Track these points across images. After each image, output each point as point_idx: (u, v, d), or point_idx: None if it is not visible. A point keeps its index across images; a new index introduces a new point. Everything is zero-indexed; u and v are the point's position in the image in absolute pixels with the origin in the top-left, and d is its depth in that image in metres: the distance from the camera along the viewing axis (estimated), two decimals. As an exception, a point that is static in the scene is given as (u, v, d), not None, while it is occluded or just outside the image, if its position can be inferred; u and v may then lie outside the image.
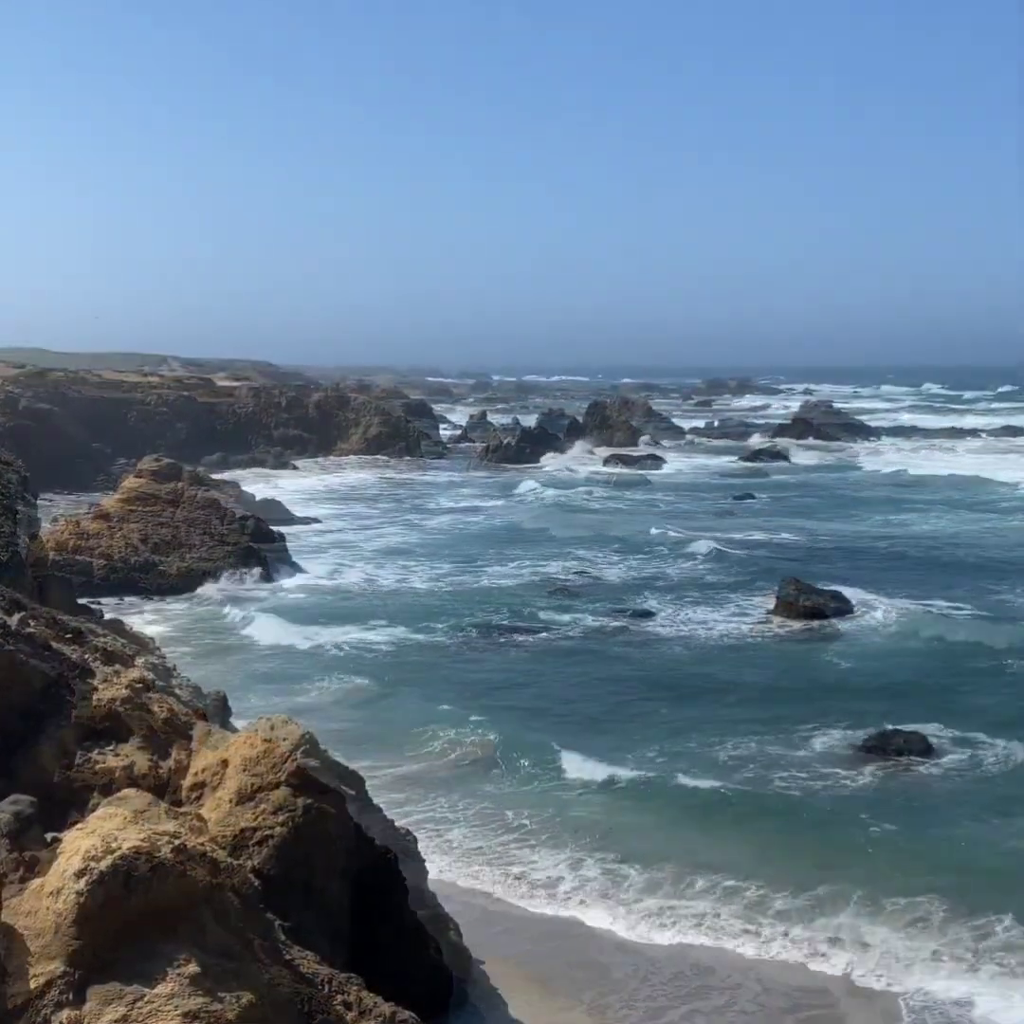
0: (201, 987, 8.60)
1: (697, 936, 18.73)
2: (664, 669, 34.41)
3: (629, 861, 21.23)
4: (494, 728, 27.98)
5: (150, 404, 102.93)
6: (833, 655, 35.98)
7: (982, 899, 19.36)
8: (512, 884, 20.54)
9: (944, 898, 19.39)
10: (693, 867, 20.88)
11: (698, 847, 21.77)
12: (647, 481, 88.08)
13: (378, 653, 36.16)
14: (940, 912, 19.04)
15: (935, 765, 26.16)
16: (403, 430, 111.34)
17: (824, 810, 23.60)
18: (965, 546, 56.07)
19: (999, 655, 35.41)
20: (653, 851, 21.59)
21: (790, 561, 51.62)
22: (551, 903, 19.90)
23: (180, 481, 49.83)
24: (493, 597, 44.11)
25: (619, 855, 21.51)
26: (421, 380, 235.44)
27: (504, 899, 20.09)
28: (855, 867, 20.88)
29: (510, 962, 17.59)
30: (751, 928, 18.80)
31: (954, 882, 20.03)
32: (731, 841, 22.03)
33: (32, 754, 12.39)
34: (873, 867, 20.86)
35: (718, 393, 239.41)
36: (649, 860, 21.23)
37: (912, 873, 20.53)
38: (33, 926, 8.81)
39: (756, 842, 22.01)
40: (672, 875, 20.63)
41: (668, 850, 21.63)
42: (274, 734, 13.98)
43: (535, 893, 20.24)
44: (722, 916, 19.19)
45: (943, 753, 26.86)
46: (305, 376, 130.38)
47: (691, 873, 20.66)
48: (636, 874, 20.73)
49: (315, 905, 13.33)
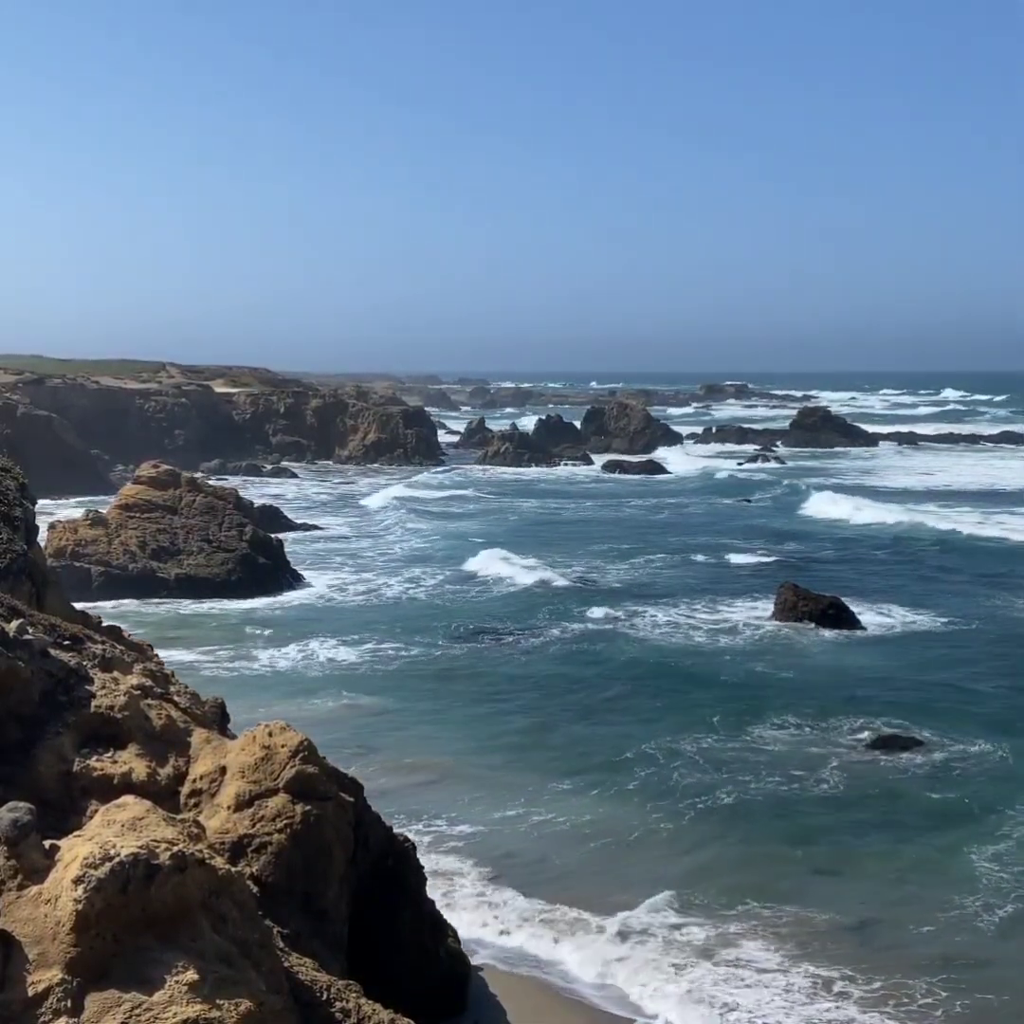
0: (199, 994, 8.57)
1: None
2: (658, 671, 34.43)
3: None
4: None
5: (148, 411, 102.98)
6: (828, 659, 35.97)
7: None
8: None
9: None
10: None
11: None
12: (646, 485, 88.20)
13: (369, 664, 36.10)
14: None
15: (929, 766, 26.21)
16: (402, 437, 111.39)
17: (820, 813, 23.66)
18: (967, 555, 56.15)
19: (992, 657, 35.55)
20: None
21: (789, 566, 51.66)
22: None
23: (178, 487, 49.80)
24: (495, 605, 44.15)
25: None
26: (420, 387, 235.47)
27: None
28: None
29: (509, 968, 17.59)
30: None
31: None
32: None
33: (30, 761, 12.36)
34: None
35: (717, 399, 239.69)
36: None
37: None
38: (31, 933, 8.79)
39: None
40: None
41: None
42: (272, 741, 13.94)
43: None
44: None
45: (936, 753, 26.93)
46: (304, 383, 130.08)
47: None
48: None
49: (314, 912, 13.30)
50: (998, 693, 32.05)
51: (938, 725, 28.81)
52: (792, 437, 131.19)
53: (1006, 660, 35.51)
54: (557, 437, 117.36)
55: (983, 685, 32.87)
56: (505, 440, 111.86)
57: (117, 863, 8.75)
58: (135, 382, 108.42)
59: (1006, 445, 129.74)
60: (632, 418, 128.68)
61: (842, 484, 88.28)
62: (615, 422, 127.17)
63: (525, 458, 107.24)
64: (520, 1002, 16.64)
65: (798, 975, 17.28)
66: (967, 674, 34.02)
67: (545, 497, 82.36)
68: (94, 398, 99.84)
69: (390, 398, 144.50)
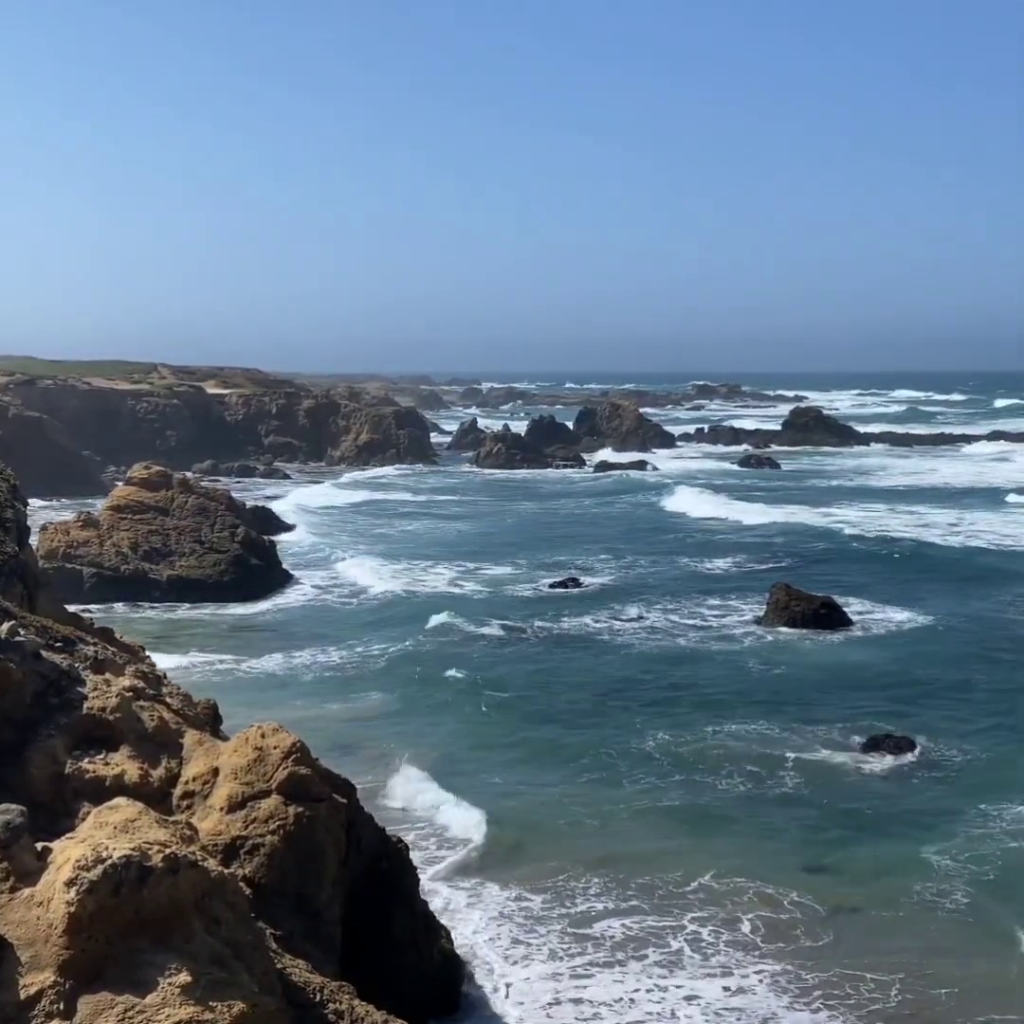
0: (192, 996, 8.56)
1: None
2: (650, 674, 34.46)
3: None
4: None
5: (140, 412, 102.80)
6: (822, 660, 36.01)
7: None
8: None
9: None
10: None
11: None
12: (640, 486, 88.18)
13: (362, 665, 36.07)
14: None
15: (922, 767, 26.25)
16: (394, 437, 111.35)
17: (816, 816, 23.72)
18: (957, 553, 56.27)
19: (984, 660, 35.65)
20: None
21: (781, 567, 51.72)
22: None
23: (170, 489, 49.71)
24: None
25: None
26: (412, 387, 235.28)
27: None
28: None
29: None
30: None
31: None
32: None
33: (22, 763, 12.32)
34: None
35: (709, 399, 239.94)
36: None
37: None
38: (23, 936, 8.77)
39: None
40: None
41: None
42: (265, 742, 13.92)
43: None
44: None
45: (929, 754, 26.99)
46: (296, 384, 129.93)
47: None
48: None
49: (307, 914, 13.28)
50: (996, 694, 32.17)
51: (934, 724, 28.91)
52: (784, 437, 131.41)
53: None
54: (550, 438, 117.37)
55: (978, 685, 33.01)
56: (498, 441, 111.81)
57: (110, 865, 8.73)
58: (127, 383, 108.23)
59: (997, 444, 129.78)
60: (624, 418, 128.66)
61: (843, 485, 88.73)
62: (607, 422, 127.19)
63: (517, 458, 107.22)
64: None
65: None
66: (964, 675, 34.13)
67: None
68: (86, 399, 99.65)
69: (382, 399, 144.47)
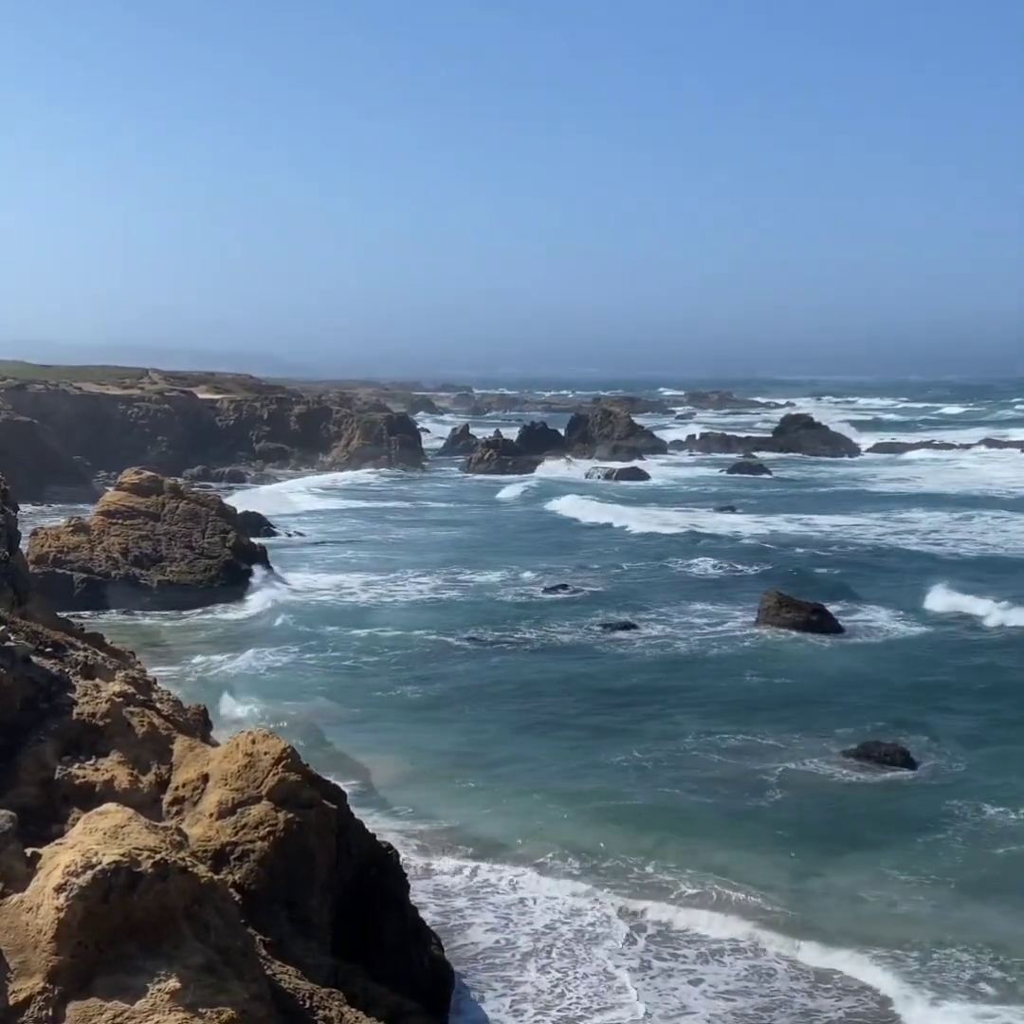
0: (182, 1002, 8.55)
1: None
2: (645, 679, 34.50)
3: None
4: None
5: (131, 417, 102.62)
6: (813, 666, 36.05)
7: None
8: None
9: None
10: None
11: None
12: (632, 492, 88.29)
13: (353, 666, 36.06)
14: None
15: (912, 775, 26.31)
16: (386, 443, 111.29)
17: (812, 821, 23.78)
18: (949, 559, 56.43)
19: (978, 665, 35.75)
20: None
21: (772, 574, 51.75)
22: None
23: (161, 494, 49.61)
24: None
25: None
26: (403, 393, 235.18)
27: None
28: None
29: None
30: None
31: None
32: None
33: (12, 768, 12.31)
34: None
35: (700, 406, 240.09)
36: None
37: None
38: (12, 942, 8.75)
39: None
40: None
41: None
42: (255, 748, 13.91)
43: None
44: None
45: (920, 762, 27.05)
46: (287, 389, 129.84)
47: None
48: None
49: (297, 920, 13.26)
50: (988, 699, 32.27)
51: (928, 731, 28.99)
52: (775, 444, 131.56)
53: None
54: (541, 444, 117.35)
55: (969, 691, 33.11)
56: (489, 447, 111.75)
57: (99, 871, 8.73)
58: (118, 388, 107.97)
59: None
60: (616, 425, 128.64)
61: (835, 491, 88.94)
62: (599, 429, 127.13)
63: (509, 464, 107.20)
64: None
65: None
66: (959, 678, 34.18)
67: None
68: (77, 404, 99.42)
69: (374, 404, 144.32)
